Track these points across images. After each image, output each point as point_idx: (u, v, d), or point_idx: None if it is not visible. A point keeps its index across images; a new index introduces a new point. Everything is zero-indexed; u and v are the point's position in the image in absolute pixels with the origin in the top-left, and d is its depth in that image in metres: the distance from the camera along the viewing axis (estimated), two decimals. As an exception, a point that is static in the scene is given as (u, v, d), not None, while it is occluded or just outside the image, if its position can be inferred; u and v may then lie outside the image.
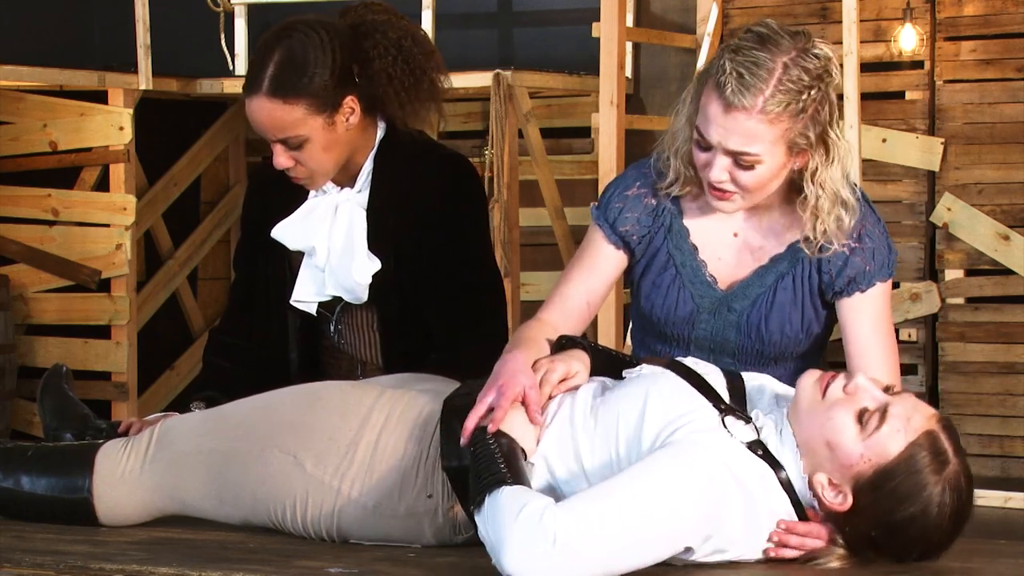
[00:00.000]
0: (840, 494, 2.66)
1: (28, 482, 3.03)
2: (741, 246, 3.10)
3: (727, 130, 2.89)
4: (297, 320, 3.54)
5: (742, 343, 3.10)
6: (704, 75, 2.98)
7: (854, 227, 3.02)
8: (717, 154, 2.93)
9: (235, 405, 3.08)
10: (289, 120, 3.31)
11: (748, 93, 2.86)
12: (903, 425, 2.64)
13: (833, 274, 3.05)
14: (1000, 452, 7.00)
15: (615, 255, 3.15)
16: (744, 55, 2.89)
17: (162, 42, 7.36)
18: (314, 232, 3.47)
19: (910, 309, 7.04)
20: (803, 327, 3.10)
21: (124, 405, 7.35)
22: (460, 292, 3.44)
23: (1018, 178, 6.94)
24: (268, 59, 3.31)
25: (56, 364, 3.51)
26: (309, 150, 3.34)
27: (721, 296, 3.09)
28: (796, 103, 2.89)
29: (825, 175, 2.97)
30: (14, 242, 7.54)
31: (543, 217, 7.31)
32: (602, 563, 2.54)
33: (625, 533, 2.55)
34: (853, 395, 2.68)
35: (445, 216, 3.43)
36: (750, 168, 2.93)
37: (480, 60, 7.53)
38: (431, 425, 2.89)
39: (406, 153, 3.46)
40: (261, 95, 3.30)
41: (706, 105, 2.92)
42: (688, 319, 3.11)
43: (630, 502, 2.57)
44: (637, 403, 2.76)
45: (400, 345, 3.47)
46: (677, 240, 3.11)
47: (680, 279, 3.10)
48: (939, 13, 7.02)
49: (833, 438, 2.66)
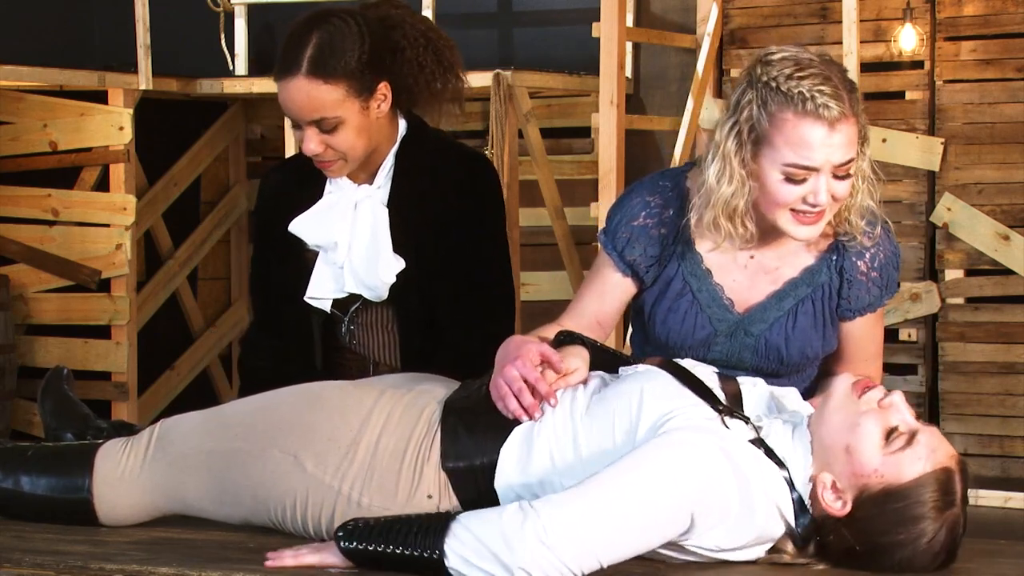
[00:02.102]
0: (840, 500, 2.66)
1: (28, 482, 3.03)
2: (756, 268, 3.09)
3: (833, 146, 2.88)
4: (320, 320, 3.54)
5: (758, 364, 3.11)
6: (756, 119, 2.90)
7: (874, 257, 3.07)
8: (820, 177, 2.90)
9: (235, 405, 3.08)
10: (328, 100, 3.32)
11: (838, 103, 2.86)
12: (926, 454, 2.65)
13: (852, 305, 3.10)
14: (1000, 452, 7.00)
15: (623, 282, 3.15)
16: (803, 76, 2.87)
17: (162, 42, 7.36)
18: (335, 228, 3.47)
19: (910, 309, 7.04)
20: (823, 347, 3.13)
21: (124, 405, 7.35)
22: (471, 291, 3.44)
23: (1018, 178, 6.93)
24: (305, 42, 3.32)
25: (57, 366, 3.51)
26: (343, 133, 3.35)
27: (738, 320, 3.09)
28: (858, 99, 2.92)
29: (864, 164, 2.99)
30: (14, 242, 7.54)
31: (543, 217, 7.31)
32: (598, 550, 2.57)
33: (617, 519, 2.57)
34: (887, 410, 2.69)
35: (463, 215, 3.44)
36: (846, 177, 2.93)
37: (480, 60, 7.53)
38: (432, 426, 2.89)
39: (427, 151, 3.47)
40: (300, 76, 3.31)
41: (800, 136, 2.86)
42: (704, 342, 3.11)
43: (623, 488, 2.59)
44: (634, 397, 2.78)
45: (417, 344, 3.47)
46: (691, 266, 3.10)
47: (697, 303, 3.09)
48: (939, 13, 7.01)
49: (854, 443, 2.66)
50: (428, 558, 2.59)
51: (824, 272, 3.08)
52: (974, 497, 2.67)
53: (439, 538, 2.59)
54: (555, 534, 2.55)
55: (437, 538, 2.60)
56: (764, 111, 2.89)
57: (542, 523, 2.56)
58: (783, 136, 2.88)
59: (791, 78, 2.87)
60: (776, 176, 2.91)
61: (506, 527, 2.57)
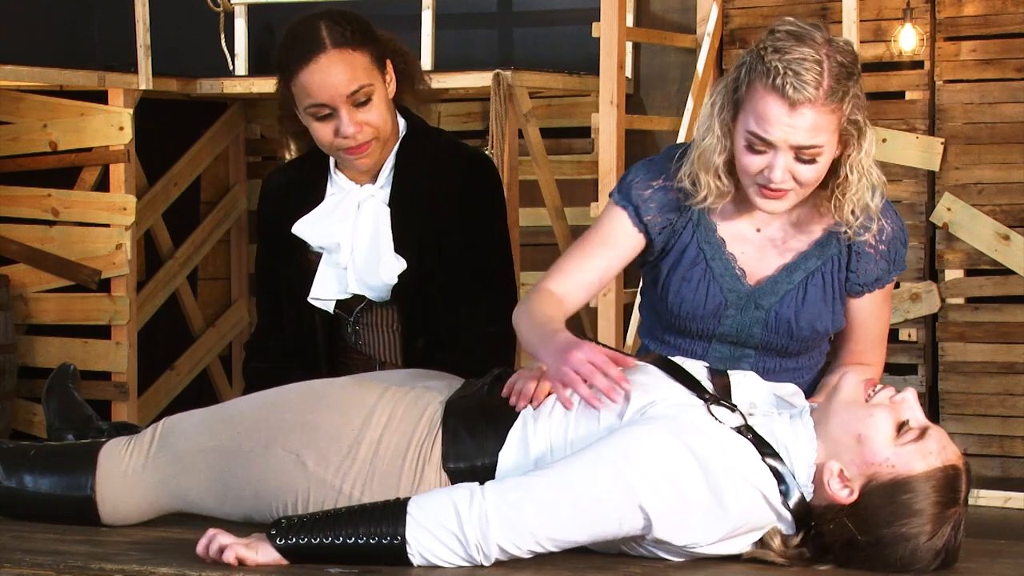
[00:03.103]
0: (847, 488, 2.67)
1: (31, 481, 3.03)
2: (764, 241, 3.12)
3: (794, 127, 2.91)
4: (325, 320, 3.54)
5: (768, 339, 3.13)
6: (740, 82, 2.98)
7: (882, 230, 3.10)
8: (779, 154, 2.94)
9: (237, 403, 3.08)
10: (360, 67, 3.35)
11: (809, 86, 2.89)
12: (937, 450, 2.67)
13: (860, 279, 3.12)
14: (1000, 452, 7.00)
15: (635, 237, 3.14)
16: (790, 52, 2.90)
17: (162, 42, 7.36)
18: (338, 229, 3.47)
19: (910, 309, 7.04)
20: (832, 322, 3.15)
21: (124, 405, 7.35)
22: (472, 291, 3.45)
23: (1018, 178, 6.93)
24: (316, 27, 3.36)
25: (64, 364, 3.51)
26: (375, 106, 3.38)
27: (749, 291, 3.11)
28: (846, 90, 2.93)
29: (860, 158, 3.01)
30: (14, 242, 7.54)
31: (543, 217, 7.31)
32: (537, 533, 2.63)
33: (555, 504, 2.63)
34: (899, 405, 2.71)
35: (465, 214, 3.45)
36: (811, 162, 2.96)
37: (480, 60, 7.53)
38: (434, 425, 2.89)
39: (428, 150, 3.49)
40: (329, 50, 3.33)
41: (762, 108, 2.92)
42: (715, 314, 3.12)
43: (568, 474, 2.64)
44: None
45: (421, 344, 3.47)
46: (706, 234, 3.12)
47: (711, 272, 3.11)
48: (939, 13, 7.01)
49: (866, 432, 2.68)
50: (388, 544, 2.62)
51: (834, 244, 3.11)
52: (974, 497, 2.68)
53: (397, 524, 2.62)
54: (495, 515, 2.61)
55: (394, 524, 2.63)
56: (747, 77, 2.96)
57: (487, 504, 2.61)
58: (751, 104, 2.94)
59: (777, 51, 2.91)
60: (741, 142, 2.97)
61: (458, 504, 2.62)
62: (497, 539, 2.62)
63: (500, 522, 2.62)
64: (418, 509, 2.64)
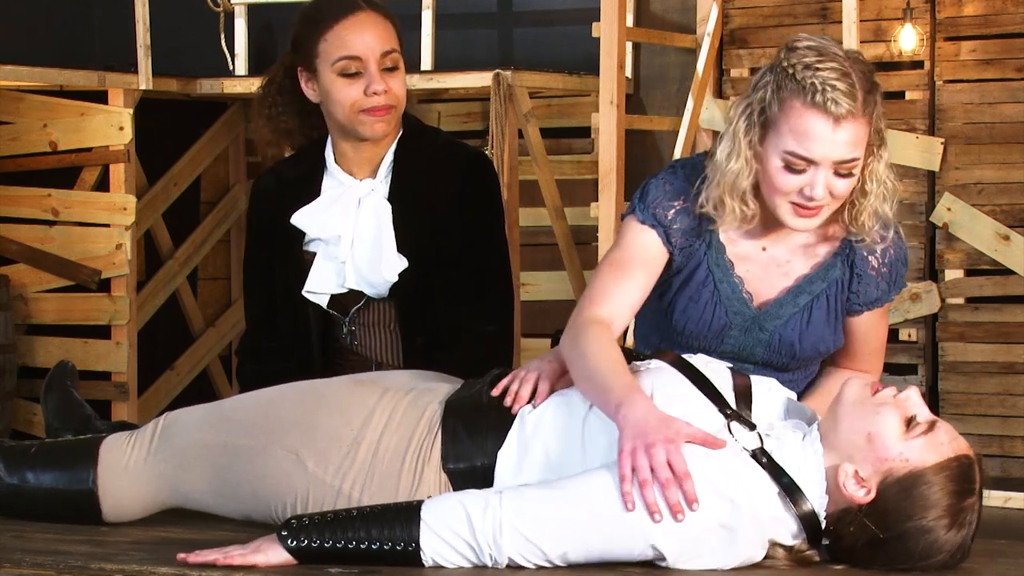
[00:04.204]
0: (864, 488, 2.67)
1: (33, 477, 3.04)
2: (768, 260, 3.09)
3: (836, 142, 2.88)
4: (319, 321, 3.53)
5: (769, 358, 3.11)
6: (767, 102, 2.91)
7: (885, 252, 3.08)
8: (819, 171, 2.90)
9: (238, 400, 3.08)
10: (392, 33, 3.46)
11: (848, 100, 2.86)
12: (948, 440, 2.69)
13: (861, 299, 3.11)
14: (1000, 452, 6.99)
15: (664, 257, 3.08)
16: (821, 68, 2.87)
17: (162, 42, 7.36)
18: (338, 222, 3.47)
19: (910, 309, 7.04)
20: (834, 342, 3.14)
21: (124, 405, 7.34)
22: (470, 290, 3.45)
23: (1018, 178, 6.93)
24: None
25: (62, 361, 3.52)
26: (400, 74, 3.47)
27: (754, 315, 3.09)
28: (875, 100, 2.92)
29: (879, 167, 3.00)
30: (14, 242, 7.53)
31: (543, 217, 7.31)
32: (547, 549, 2.62)
33: (569, 522, 2.61)
34: (904, 402, 2.71)
35: (463, 213, 3.45)
36: (848, 175, 2.93)
37: (480, 60, 7.53)
38: (433, 425, 2.89)
39: (426, 149, 3.49)
40: (367, 9, 3.44)
41: (803, 126, 2.87)
42: (718, 335, 3.10)
43: (586, 492, 2.63)
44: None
45: (419, 342, 3.47)
46: (716, 255, 3.09)
47: (718, 294, 3.08)
48: (939, 13, 7.01)
49: (875, 430, 2.68)
50: (403, 550, 2.62)
51: (838, 268, 3.09)
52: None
53: (411, 529, 2.62)
54: (509, 527, 2.60)
55: (408, 529, 2.63)
56: (777, 96, 2.90)
57: (503, 514, 2.61)
58: (788, 123, 2.89)
59: (808, 67, 2.87)
60: (777, 163, 2.92)
61: (471, 512, 2.62)
62: (509, 551, 2.62)
63: (514, 535, 2.62)
64: (431, 515, 2.64)
